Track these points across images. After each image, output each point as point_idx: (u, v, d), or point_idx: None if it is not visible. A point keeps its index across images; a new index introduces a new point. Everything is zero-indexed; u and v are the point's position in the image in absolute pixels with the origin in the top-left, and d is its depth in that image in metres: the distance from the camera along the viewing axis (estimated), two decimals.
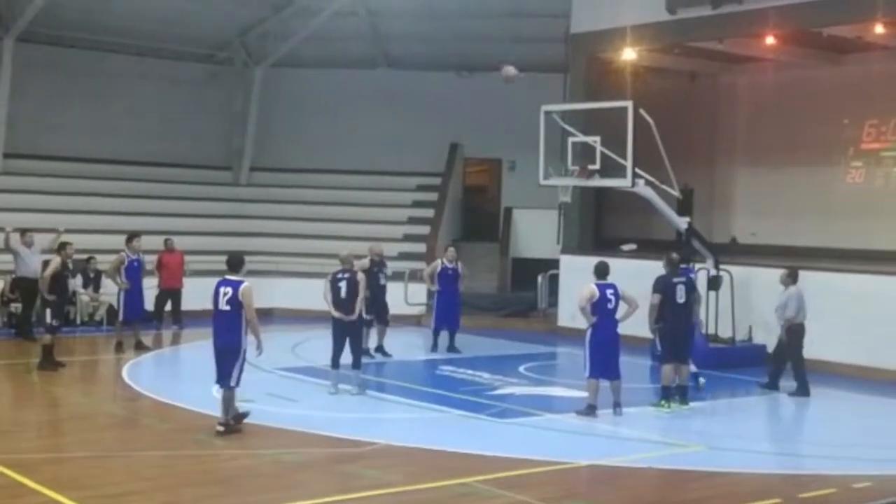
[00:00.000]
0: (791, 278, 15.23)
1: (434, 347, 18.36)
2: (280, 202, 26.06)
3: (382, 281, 17.36)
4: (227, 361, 11.51)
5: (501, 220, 26.16)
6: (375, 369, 16.44)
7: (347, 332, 14.18)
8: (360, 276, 14.35)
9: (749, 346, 18.03)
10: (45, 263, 16.66)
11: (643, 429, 12.61)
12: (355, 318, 14.19)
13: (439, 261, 18.72)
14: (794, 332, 15.03)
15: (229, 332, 11.47)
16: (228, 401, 11.63)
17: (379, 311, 17.16)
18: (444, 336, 18.47)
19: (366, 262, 16.57)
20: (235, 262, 11.75)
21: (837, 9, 17.83)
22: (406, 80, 26.47)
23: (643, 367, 16.52)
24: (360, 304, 14.25)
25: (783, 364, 15.39)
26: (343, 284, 14.14)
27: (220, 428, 11.49)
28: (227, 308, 11.42)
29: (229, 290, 11.42)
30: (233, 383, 11.56)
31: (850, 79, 21.06)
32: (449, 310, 18.41)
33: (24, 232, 18.76)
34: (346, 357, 14.21)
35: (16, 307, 19.56)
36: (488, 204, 27.49)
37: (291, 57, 26.27)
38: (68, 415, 13.53)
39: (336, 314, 14.13)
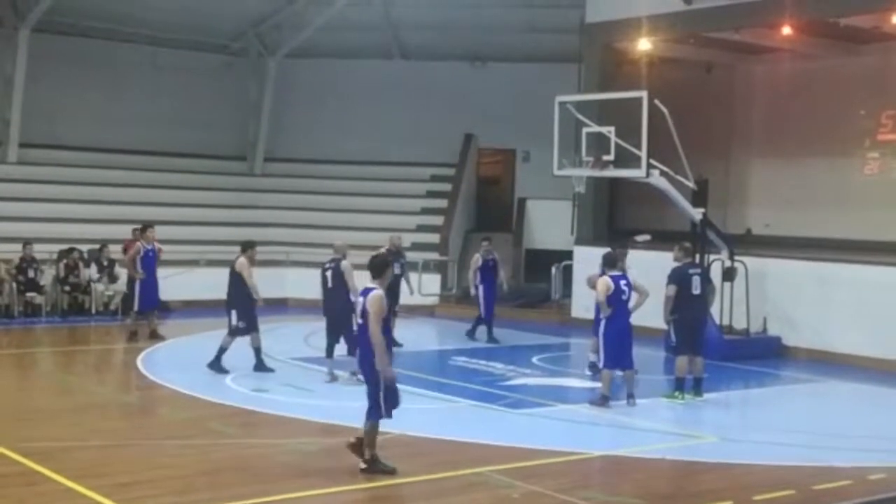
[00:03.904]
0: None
1: None
2: (294, 192, 26.07)
3: (398, 271, 17.36)
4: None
5: (515, 211, 26.12)
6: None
7: (337, 322, 14.11)
8: (345, 265, 14.08)
9: (763, 337, 17.97)
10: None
11: (657, 420, 12.59)
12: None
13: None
14: None
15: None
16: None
17: (391, 300, 17.11)
18: None
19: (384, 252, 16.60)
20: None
21: None
22: (420, 71, 26.43)
23: (657, 358, 16.49)
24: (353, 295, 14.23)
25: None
26: (329, 274, 14.21)
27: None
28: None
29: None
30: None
31: (867, 69, 20.93)
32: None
33: None
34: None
35: None
36: (502, 194, 27.41)
37: (305, 47, 26.25)
38: (83, 404, 13.55)
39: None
